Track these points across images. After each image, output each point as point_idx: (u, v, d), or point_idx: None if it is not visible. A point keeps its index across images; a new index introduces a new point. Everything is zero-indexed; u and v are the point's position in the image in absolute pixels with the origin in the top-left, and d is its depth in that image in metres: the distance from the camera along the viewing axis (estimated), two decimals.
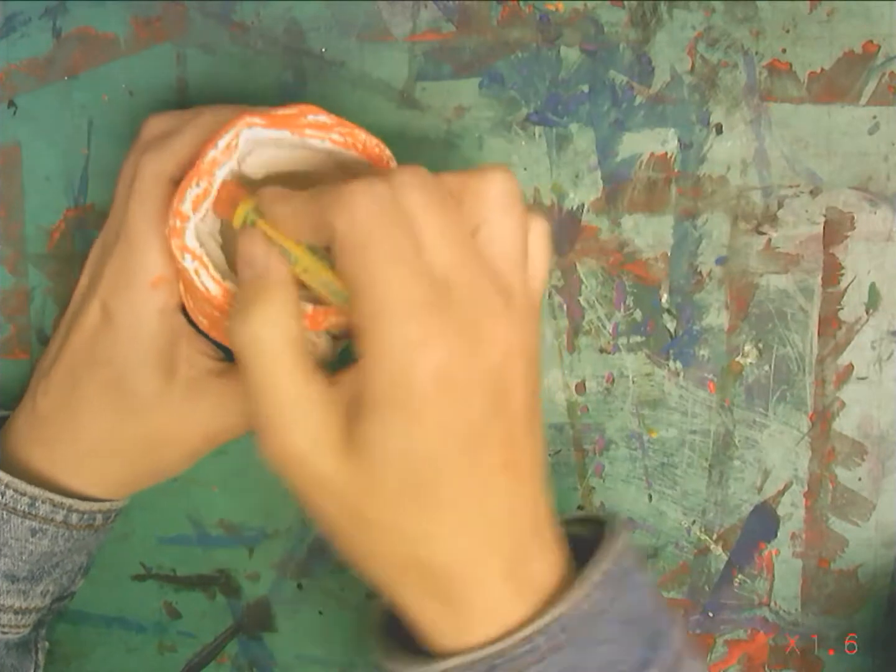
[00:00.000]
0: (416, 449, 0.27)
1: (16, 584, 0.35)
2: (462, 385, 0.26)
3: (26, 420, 0.35)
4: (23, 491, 0.34)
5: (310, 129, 0.31)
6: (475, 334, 0.27)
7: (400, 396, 0.26)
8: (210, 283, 0.31)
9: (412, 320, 0.26)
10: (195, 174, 0.30)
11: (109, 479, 0.36)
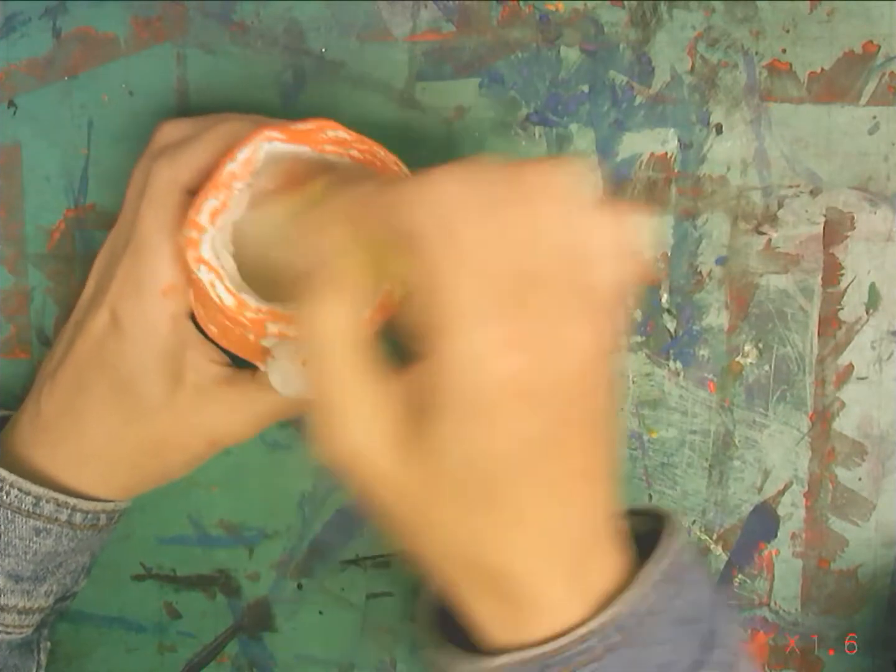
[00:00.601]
0: (486, 453, 0.26)
1: (20, 583, 0.35)
2: (537, 391, 0.26)
3: (30, 422, 0.35)
4: (27, 490, 0.34)
5: (329, 145, 0.31)
6: (552, 338, 0.26)
7: (473, 400, 0.26)
8: (225, 295, 0.31)
9: (491, 324, 0.25)
10: (213, 186, 0.30)
11: (113, 481, 0.36)
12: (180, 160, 0.32)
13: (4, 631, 0.35)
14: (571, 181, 0.27)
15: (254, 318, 0.31)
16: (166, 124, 0.34)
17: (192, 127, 0.34)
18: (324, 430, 0.28)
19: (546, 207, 0.27)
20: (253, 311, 0.31)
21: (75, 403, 0.34)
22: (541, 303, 0.26)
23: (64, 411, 0.34)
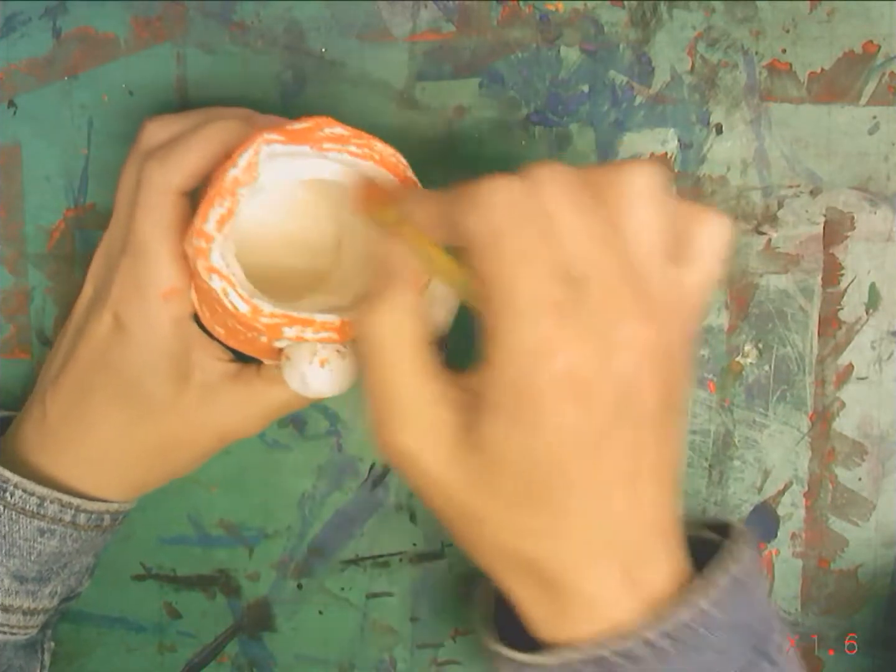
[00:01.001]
0: (536, 453, 0.26)
1: (24, 584, 0.35)
2: (589, 390, 0.26)
3: (35, 426, 0.35)
4: (31, 491, 0.34)
5: (328, 143, 0.31)
6: (607, 337, 0.26)
7: (525, 399, 0.26)
8: (239, 302, 0.31)
9: (543, 321, 0.26)
10: (217, 194, 0.30)
11: (122, 481, 0.36)
12: (171, 163, 0.32)
13: (10, 632, 0.35)
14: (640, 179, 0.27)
15: (269, 322, 0.31)
16: (152, 123, 0.34)
17: (179, 125, 0.33)
18: (381, 428, 0.29)
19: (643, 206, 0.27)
20: (268, 316, 0.31)
21: (81, 407, 0.34)
22: (597, 300, 0.26)
23: (69, 415, 0.34)
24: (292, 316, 0.31)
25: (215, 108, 0.35)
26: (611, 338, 0.26)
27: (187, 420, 0.34)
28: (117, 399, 0.34)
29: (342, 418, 0.41)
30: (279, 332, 0.31)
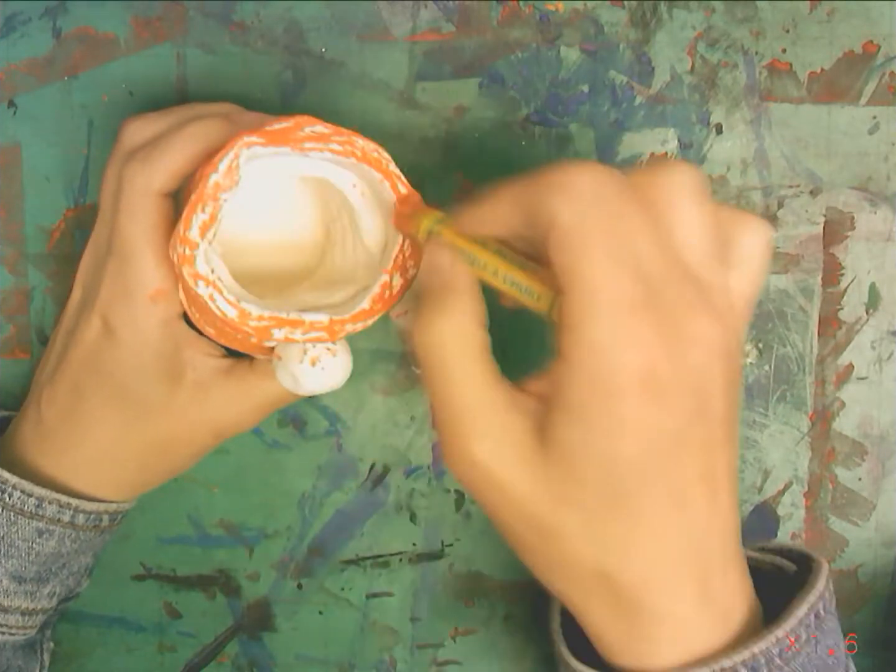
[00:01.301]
0: (619, 454, 0.26)
1: (23, 585, 0.35)
2: (667, 388, 0.25)
3: (32, 428, 0.35)
4: (29, 492, 0.34)
5: (309, 143, 0.30)
6: (679, 333, 0.25)
7: (604, 398, 0.25)
8: (226, 307, 0.30)
9: (623, 319, 0.25)
10: (199, 200, 0.30)
11: (120, 481, 0.36)
12: (153, 165, 0.31)
13: (8, 632, 0.35)
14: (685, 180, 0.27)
15: (257, 325, 0.31)
16: (132, 123, 0.34)
17: (160, 124, 0.33)
18: (453, 442, 0.28)
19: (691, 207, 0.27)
20: (256, 319, 0.31)
21: (76, 410, 0.34)
22: (667, 298, 0.26)
23: (66, 418, 0.34)
24: (281, 318, 0.31)
25: (197, 105, 0.35)
26: (684, 335, 0.26)
27: (182, 418, 0.34)
28: (111, 401, 0.34)
29: (342, 418, 0.41)
30: (268, 334, 0.31)
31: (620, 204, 0.26)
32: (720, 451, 0.27)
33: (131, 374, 0.33)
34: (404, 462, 0.41)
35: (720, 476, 0.27)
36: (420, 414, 0.41)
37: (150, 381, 0.33)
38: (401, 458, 0.41)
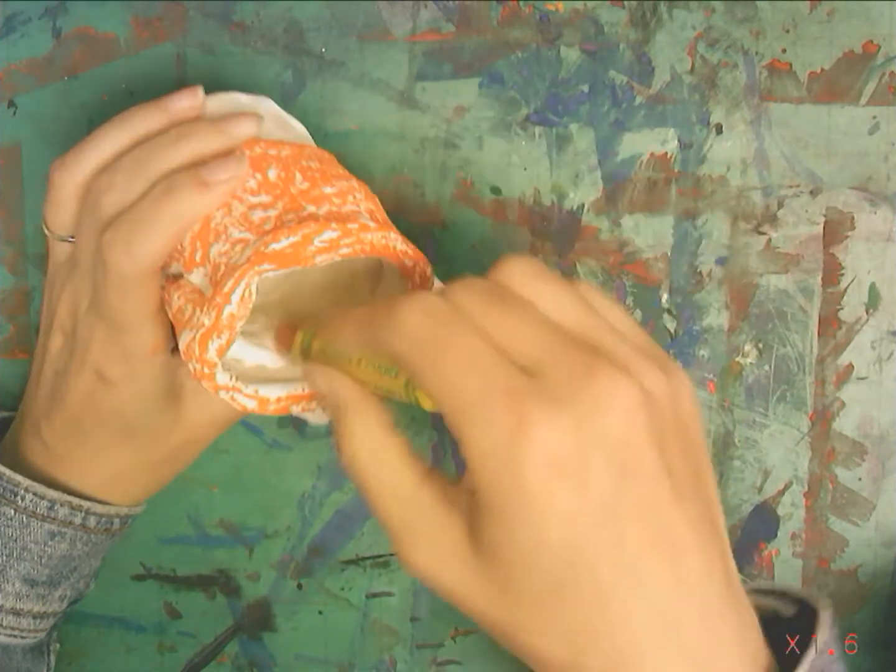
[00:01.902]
0: (548, 545, 0.24)
1: (35, 588, 0.35)
2: (578, 463, 0.23)
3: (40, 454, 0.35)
4: (42, 494, 0.34)
5: (319, 256, 0.29)
6: (582, 405, 0.24)
7: (513, 493, 0.24)
8: (247, 402, 0.31)
9: (497, 413, 0.24)
10: (214, 328, 0.29)
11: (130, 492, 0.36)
12: (135, 255, 0.31)
13: (20, 635, 0.35)
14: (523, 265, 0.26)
15: (277, 408, 0.32)
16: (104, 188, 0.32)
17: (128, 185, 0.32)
18: (398, 552, 0.27)
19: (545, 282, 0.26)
20: (275, 402, 0.31)
21: (81, 446, 0.34)
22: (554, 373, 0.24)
23: (71, 448, 0.35)
24: (297, 395, 0.32)
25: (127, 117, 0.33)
26: (586, 404, 0.24)
27: (191, 427, 0.35)
28: (119, 435, 0.34)
29: None
30: (287, 411, 0.32)
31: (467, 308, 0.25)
32: (672, 509, 0.25)
33: (136, 413, 0.34)
34: None
35: (680, 535, 0.25)
36: (420, 414, 0.41)
37: (155, 413, 0.34)
38: None
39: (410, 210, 0.40)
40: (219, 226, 0.31)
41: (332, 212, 0.31)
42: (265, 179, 0.31)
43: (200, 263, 0.31)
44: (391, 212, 0.34)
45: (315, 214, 0.30)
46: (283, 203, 0.31)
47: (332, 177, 0.32)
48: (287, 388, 0.32)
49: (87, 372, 0.33)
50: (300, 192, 0.31)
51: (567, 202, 0.39)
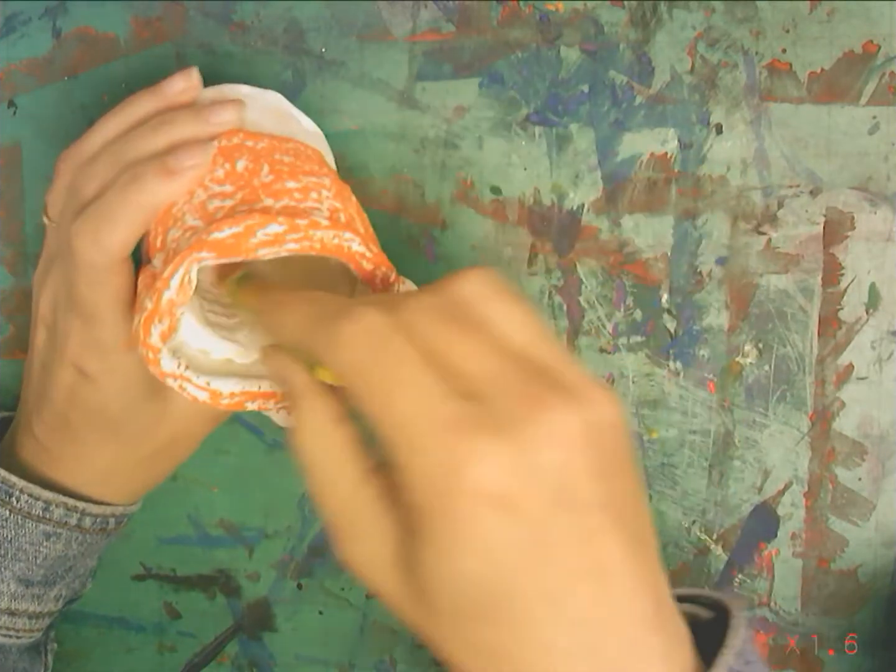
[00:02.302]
0: (468, 573, 0.24)
1: (30, 588, 0.35)
2: (513, 495, 0.23)
3: (33, 447, 0.35)
4: (37, 496, 0.34)
5: (262, 249, 0.29)
6: (518, 434, 0.23)
7: (441, 520, 0.24)
8: (198, 392, 0.31)
9: (434, 443, 0.23)
10: (155, 313, 0.29)
11: (124, 490, 0.36)
12: (102, 243, 0.30)
13: (15, 636, 0.35)
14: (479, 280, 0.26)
15: (230, 403, 0.31)
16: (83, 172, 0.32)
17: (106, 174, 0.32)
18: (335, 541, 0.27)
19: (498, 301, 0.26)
20: (228, 396, 0.31)
21: (70, 442, 0.34)
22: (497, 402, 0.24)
23: (64, 446, 0.34)
24: (252, 392, 0.31)
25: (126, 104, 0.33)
26: (526, 434, 0.23)
27: (179, 420, 0.34)
28: (105, 431, 0.34)
29: None
30: (242, 407, 0.31)
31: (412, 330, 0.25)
32: (604, 535, 0.24)
33: (119, 408, 0.33)
34: None
35: (610, 560, 0.25)
36: None
37: (139, 407, 0.33)
38: None
39: (410, 210, 0.40)
40: (178, 211, 0.30)
41: (288, 206, 0.30)
42: (233, 169, 0.31)
43: (160, 249, 0.30)
44: (391, 212, 0.34)
45: (269, 208, 0.30)
46: (242, 194, 0.30)
47: (300, 172, 0.31)
48: (243, 383, 0.31)
49: (67, 366, 0.33)
50: (262, 184, 0.30)
51: (567, 202, 0.39)
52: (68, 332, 0.33)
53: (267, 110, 0.34)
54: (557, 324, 0.40)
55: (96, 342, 0.32)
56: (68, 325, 0.33)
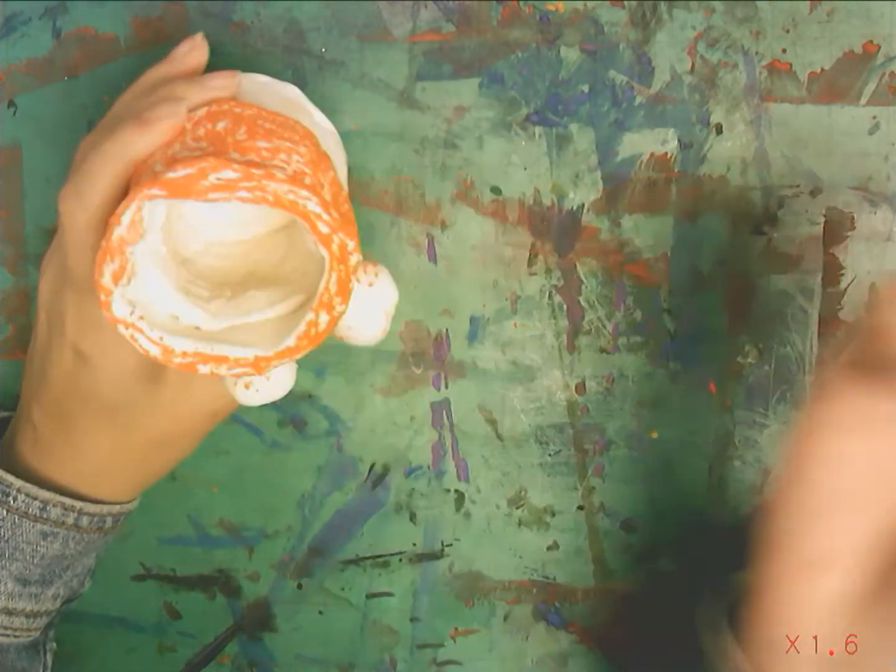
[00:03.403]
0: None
1: (27, 587, 0.35)
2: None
3: (31, 440, 0.35)
4: (34, 495, 0.34)
5: (214, 193, 0.29)
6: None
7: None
8: (148, 345, 0.30)
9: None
10: (107, 251, 0.29)
11: (122, 483, 0.36)
12: (84, 200, 0.31)
13: (13, 634, 0.35)
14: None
15: (182, 362, 0.31)
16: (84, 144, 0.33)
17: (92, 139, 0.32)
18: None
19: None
20: (180, 355, 0.30)
21: (68, 429, 0.34)
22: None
23: (60, 434, 0.34)
24: (205, 354, 0.31)
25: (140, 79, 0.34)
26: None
27: (175, 412, 0.34)
28: (100, 416, 0.34)
29: (342, 418, 0.41)
30: (193, 369, 0.31)
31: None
32: None
33: (114, 392, 0.33)
34: (404, 462, 0.41)
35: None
36: (420, 414, 0.41)
37: (133, 391, 0.33)
38: (401, 458, 0.41)
39: (410, 210, 0.40)
40: (151, 160, 0.30)
41: (250, 160, 0.30)
42: (213, 129, 0.31)
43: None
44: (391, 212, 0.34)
45: (230, 158, 0.29)
46: (212, 148, 0.30)
47: (276, 136, 0.31)
48: (197, 344, 0.31)
49: (65, 348, 0.33)
50: (235, 141, 0.30)
51: (567, 202, 0.39)
52: (65, 310, 0.33)
53: (283, 100, 0.34)
54: (557, 324, 0.40)
55: (90, 317, 0.32)
56: (65, 303, 0.33)
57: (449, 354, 0.40)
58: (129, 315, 0.30)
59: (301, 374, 0.40)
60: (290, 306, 0.32)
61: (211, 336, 0.31)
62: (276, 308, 0.32)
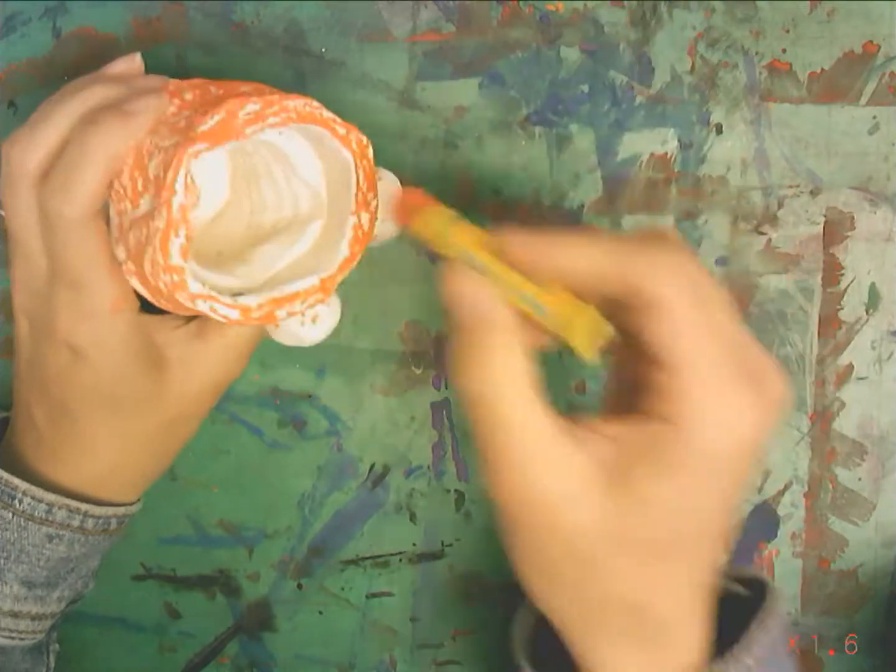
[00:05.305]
0: (690, 508, 0.28)
1: (33, 590, 0.35)
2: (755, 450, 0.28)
3: (34, 443, 0.35)
4: (39, 498, 0.34)
5: (248, 127, 0.29)
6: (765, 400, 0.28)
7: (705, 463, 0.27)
8: (228, 311, 0.30)
9: (728, 393, 0.27)
10: (170, 226, 0.29)
11: (128, 482, 0.36)
12: (74, 195, 0.30)
13: (18, 637, 0.35)
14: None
15: (260, 315, 0.31)
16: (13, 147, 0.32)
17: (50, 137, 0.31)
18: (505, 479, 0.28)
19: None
20: (256, 308, 0.31)
21: (75, 428, 0.34)
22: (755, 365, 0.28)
23: (65, 435, 0.34)
24: (278, 297, 0.31)
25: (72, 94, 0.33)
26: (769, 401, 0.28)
27: (182, 392, 0.34)
28: (103, 410, 0.33)
29: (342, 418, 0.41)
30: (273, 317, 0.31)
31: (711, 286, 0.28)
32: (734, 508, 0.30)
33: (114, 383, 0.33)
34: (404, 462, 0.41)
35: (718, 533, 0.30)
36: (420, 414, 0.41)
37: (135, 381, 0.33)
38: (401, 458, 0.41)
39: None
40: (149, 147, 0.30)
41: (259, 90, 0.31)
42: (182, 101, 0.31)
43: (144, 190, 0.30)
44: None
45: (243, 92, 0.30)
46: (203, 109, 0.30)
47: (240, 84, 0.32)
48: (271, 292, 0.31)
49: (58, 345, 0.33)
50: (215, 96, 0.31)
51: (567, 202, 0.39)
52: (57, 307, 0.32)
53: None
54: None
55: (82, 309, 0.32)
56: (56, 300, 0.32)
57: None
58: (202, 288, 0.30)
59: (301, 374, 0.40)
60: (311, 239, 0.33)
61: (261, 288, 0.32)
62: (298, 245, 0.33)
